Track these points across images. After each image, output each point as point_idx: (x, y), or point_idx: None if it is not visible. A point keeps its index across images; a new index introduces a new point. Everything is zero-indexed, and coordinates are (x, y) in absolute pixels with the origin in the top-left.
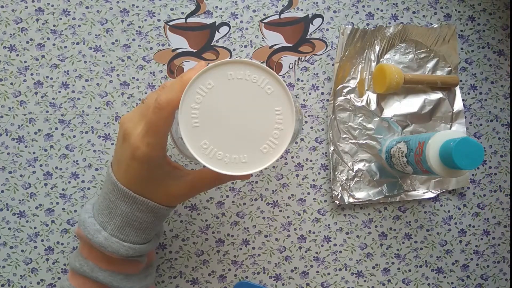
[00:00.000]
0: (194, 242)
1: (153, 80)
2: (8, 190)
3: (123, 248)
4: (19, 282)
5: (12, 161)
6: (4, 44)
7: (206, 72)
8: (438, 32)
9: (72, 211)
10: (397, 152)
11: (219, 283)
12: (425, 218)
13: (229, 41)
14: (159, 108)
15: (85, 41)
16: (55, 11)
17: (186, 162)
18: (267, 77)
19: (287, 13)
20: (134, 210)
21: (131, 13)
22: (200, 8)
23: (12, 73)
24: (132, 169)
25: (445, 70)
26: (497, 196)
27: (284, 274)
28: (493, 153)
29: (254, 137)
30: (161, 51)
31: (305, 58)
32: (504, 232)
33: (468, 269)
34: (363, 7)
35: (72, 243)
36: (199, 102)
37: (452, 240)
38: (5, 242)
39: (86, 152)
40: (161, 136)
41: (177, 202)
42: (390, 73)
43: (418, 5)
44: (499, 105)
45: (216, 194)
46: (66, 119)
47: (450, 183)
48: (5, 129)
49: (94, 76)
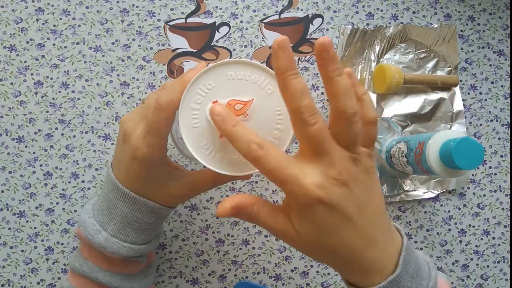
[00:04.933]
0: (194, 242)
1: (153, 80)
2: (8, 190)
3: (123, 248)
4: (19, 282)
5: (12, 161)
6: (4, 44)
7: (206, 72)
8: (438, 32)
9: (72, 211)
10: (397, 152)
11: (219, 283)
12: (425, 218)
13: (229, 41)
14: (160, 108)
15: (85, 41)
16: (55, 11)
17: (186, 163)
18: (267, 78)
19: (287, 13)
20: (134, 211)
21: (131, 13)
22: (200, 8)
23: (12, 73)
24: (133, 170)
25: (445, 70)
26: (497, 196)
27: (284, 274)
28: (493, 153)
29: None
30: (161, 51)
31: (305, 58)
32: (504, 232)
33: (468, 269)
34: (363, 7)
35: (72, 243)
36: (200, 103)
37: (452, 240)
38: (5, 242)
39: (86, 152)
40: (161, 137)
41: (178, 202)
42: (390, 73)
43: (418, 5)
44: (499, 105)
45: (216, 194)
46: (66, 119)
47: (450, 183)
48: (5, 129)
49: (94, 76)
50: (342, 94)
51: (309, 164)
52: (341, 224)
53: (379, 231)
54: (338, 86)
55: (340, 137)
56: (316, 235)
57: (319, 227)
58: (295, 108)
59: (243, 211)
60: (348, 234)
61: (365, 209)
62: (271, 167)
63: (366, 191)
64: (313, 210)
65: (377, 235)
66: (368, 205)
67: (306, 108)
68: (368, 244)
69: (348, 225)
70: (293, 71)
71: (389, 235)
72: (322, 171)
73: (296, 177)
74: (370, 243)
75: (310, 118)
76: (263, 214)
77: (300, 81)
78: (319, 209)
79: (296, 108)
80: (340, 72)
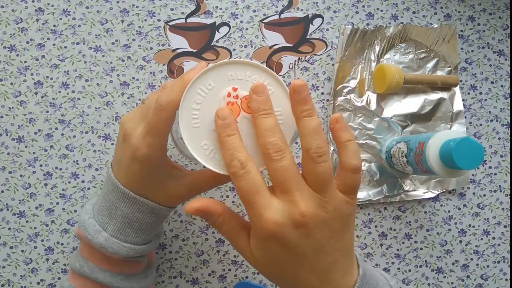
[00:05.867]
0: (194, 242)
1: (153, 80)
2: (8, 190)
3: (124, 248)
4: (19, 282)
5: (12, 161)
6: (4, 44)
7: (206, 72)
8: (438, 32)
9: (72, 211)
10: (397, 152)
11: (219, 283)
12: (425, 218)
13: (229, 41)
14: (160, 108)
15: (85, 41)
16: (55, 11)
17: (186, 163)
18: (268, 78)
19: (287, 13)
20: (134, 211)
21: (131, 13)
22: (200, 8)
23: (12, 73)
24: (133, 170)
25: (445, 70)
26: (497, 196)
27: None
28: (493, 153)
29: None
30: (161, 51)
31: (305, 58)
32: (504, 232)
33: (468, 269)
34: (363, 7)
35: (72, 243)
36: (200, 103)
37: (452, 240)
38: (5, 242)
39: (86, 152)
40: (161, 137)
41: (178, 202)
42: (390, 73)
43: (418, 5)
44: (499, 105)
45: (216, 194)
46: (66, 119)
47: (450, 183)
48: (5, 129)
49: (94, 76)
50: (307, 134)
51: (277, 198)
52: (294, 261)
53: (336, 271)
54: (304, 127)
55: (308, 178)
56: (269, 265)
57: (272, 259)
58: (261, 144)
59: (208, 216)
60: (301, 272)
61: (324, 251)
62: (244, 188)
63: (329, 235)
64: (267, 243)
65: (333, 275)
66: (329, 248)
67: (271, 144)
68: (321, 283)
69: (301, 264)
70: (264, 111)
71: (348, 275)
72: (286, 209)
73: (260, 206)
74: (324, 282)
75: (275, 155)
76: (227, 227)
77: (270, 119)
78: (272, 243)
79: (262, 144)
80: (310, 114)
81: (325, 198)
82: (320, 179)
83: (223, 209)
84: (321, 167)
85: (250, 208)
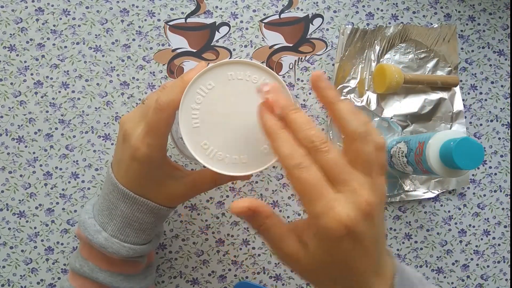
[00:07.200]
0: (194, 242)
1: (153, 80)
2: (8, 190)
3: (124, 248)
4: (19, 282)
5: (12, 161)
6: (4, 44)
7: (206, 72)
8: (438, 32)
9: (72, 211)
10: (397, 152)
11: (219, 283)
12: (425, 218)
13: (229, 41)
14: (160, 108)
15: (85, 41)
16: (55, 11)
17: (186, 163)
18: (268, 78)
19: (287, 13)
20: (134, 211)
21: (131, 13)
22: (200, 8)
23: (12, 73)
24: (132, 170)
25: (445, 70)
26: (497, 196)
27: (284, 274)
28: (493, 153)
29: (254, 138)
30: (161, 51)
31: (305, 58)
32: (504, 232)
33: (468, 269)
34: (363, 7)
35: (72, 243)
36: (200, 103)
37: (452, 240)
38: (5, 242)
39: (86, 152)
40: (161, 137)
41: (177, 202)
42: (390, 73)
43: (418, 5)
44: (499, 105)
45: (216, 194)
46: (66, 119)
47: (450, 183)
48: (5, 129)
49: (94, 76)
50: (347, 115)
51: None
52: (360, 255)
53: (384, 262)
54: (341, 110)
55: (358, 161)
56: (327, 267)
57: (334, 259)
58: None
59: (255, 218)
60: (360, 266)
61: (378, 241)
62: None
63: (381, 221)
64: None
65: (382, 268)
66: (380, 237)
67: (315, 137)
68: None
69: (364, 255)
70: (292, 107)
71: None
72: (351, 200)
73: (329, 200)
74: (377, 269)
75: (323, 146)
76: (274, 231)
77: (302, 114)
78: (343, 239)
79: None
80: (340, 98)
81: (373, 180)
82: (370, 160)
83: (271, 211)
84: (370, 147)
85: (316, 203)
